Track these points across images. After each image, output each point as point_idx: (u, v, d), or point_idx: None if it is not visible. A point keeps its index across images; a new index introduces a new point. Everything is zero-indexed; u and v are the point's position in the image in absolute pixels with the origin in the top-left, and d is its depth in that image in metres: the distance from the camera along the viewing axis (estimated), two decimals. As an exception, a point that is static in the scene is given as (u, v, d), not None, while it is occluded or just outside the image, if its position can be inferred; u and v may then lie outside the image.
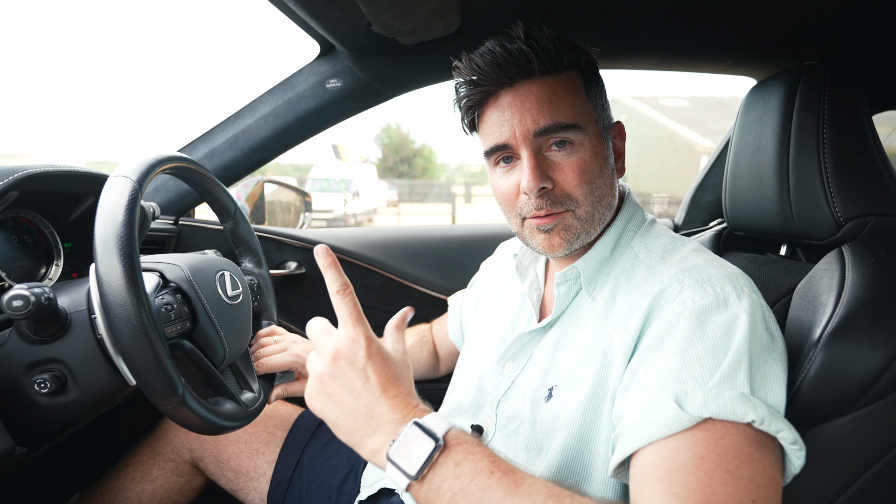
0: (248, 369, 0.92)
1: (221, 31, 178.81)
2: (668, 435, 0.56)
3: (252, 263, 1.01)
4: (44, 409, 0.69)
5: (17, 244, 0.94)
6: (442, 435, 0.55)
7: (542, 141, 0.74)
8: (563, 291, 0.80)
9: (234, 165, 1.37)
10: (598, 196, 0.76)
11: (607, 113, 0.80)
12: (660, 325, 0.65)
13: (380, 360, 0.61)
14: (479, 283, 1.10)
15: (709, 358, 0.59)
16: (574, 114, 0.73)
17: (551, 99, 0.72)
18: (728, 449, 0.54)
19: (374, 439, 0.58)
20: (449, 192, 25.06)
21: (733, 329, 0.61)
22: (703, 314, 0.63)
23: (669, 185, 17.54)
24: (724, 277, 0.66)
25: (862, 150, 0.79)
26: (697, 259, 0.71)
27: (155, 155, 0.73)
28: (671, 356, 0.61)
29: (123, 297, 0.60)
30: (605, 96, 0.80)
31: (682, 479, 0.53)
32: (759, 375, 0.59)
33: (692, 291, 0.65)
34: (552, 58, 0.72)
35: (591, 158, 0.74)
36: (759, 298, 0.66)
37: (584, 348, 0.73)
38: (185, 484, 1.11)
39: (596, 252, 0.79)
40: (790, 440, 0.56)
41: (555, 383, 0.75)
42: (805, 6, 0.89)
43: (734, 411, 0.55)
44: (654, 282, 0.70)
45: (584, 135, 0.74)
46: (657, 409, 0.57)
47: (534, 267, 0.92)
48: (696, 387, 0.57)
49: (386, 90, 1.31)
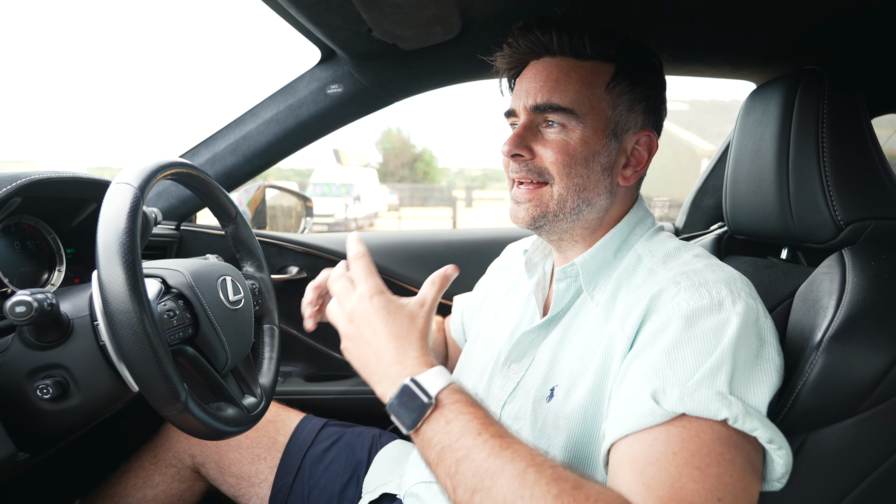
0: (250, 374, 0.92)
1: (223, 36, 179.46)
2: (644, 428, 0.57)
3: (253, 268, 1.02)
4: (46, 415, 0.69)
5: (19, 250, 0.94)
6: (435, 394, 0.60)
7: (539, 116, 0.77)
8: (563, 287, 0.81)
9: (236, 171, 1.37)
10: (577, 184, 0.76)
11: (632, 117, 0.78)
12: (654, 324, 0.66)
13: (384, 315, 0.66)
14: (485, 284, 1.10)
15: (694, 359, 0.60)
16: (574, 99, 0.75)
17: (559, 80, 0.76)
18: (701, 447, 0.55)
19: (380, 387, 0.65)
20: (450, 196, 25.06)
21: (722, 332, 0.61)
22: (695, 316, 0.63)
23: (670, 189, 17.53)
24: (722, 282, 0.67)
25: (861, 154, 0.80)
26: (698, 263, 0.71)
27: (156, 161, 0.73)
28: (659, 354, 0.62)
29: (126, 304, 0.60)
30: (638, 100, 0.78)
31: (653, 471, 0.55)
32: (741, 378, 0.59)
33: (688, 294, 0.66)
34: (574, 43, 0.75)
35: (577, 145, 0.75)
36: (757, 304, 0.66)
37: (583, 348, 0.74)
38: (187, 490, 1.10)
39: (597, 251, 0.79)
40: (766, 438, 0.57)
41: (556, 383, 0.75)
42: (804, 11, 0.89)
43: (708, 408, 0.56)
44: (653, 283, 0.71)
45: (578, 122, 0.75)
46: (636, 404, 0.59)
47: (542, 265, 0.92)
48: (676, 384, 0.58)
49: (387, 95, 1.31)
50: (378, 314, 0.66)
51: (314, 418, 1.16)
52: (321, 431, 1.12)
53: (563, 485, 0.53)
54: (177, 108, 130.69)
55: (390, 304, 0.67)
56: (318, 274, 0.86)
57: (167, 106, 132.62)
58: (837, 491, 0.67)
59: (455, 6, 0.91)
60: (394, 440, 1.12)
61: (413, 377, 0.61)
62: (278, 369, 1.00)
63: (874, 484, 0.67)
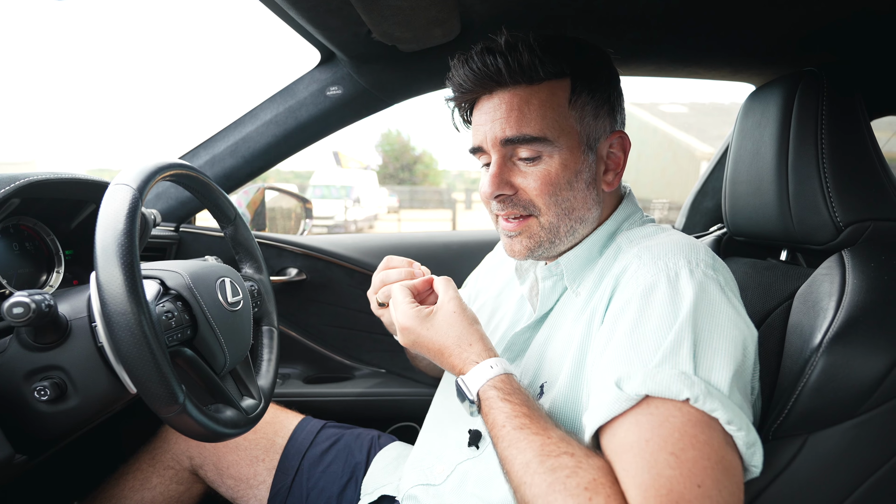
0: (249, 376, 0.91)
1: (223, 38, 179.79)
2: (614, 416, 0.58)
3: (252, 269, 1.01)
4: (44, 417, 0.68)
5: (18, 251, 0.94)
6: (476, 395, 0.69)
7: (511, 149, 0.75)
8: (549, 286, 0.81)
9: (235, 172, 1.37)
10: (566, 209, 0.76)
11: (599, 123, 0.77)
12: (617, 302, 0.66)
13: (429, 327, 0.75)
14: (476, 283, 1.10)
15: (654, 336, 0.60)
16: (543, 126, 0.73)
17: (521, 110, 0.73)
18: (672, 431, 0.55)
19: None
20: (450, 199, 25.07)
21: (679, 305, 0.61)
22: (650, 291, 0.63)
23: (669, 191, 17.55)
24: (681, 253, 0.66)
25: (860, 155, 0.80)
26: (662, 237, 0.71)
27: (155, 162, 0.73)
28: (622, 338, 0.62)
29: (124, 306, 0.60)
30: (601, 105, 0.77)
31: (629, 458, 0.55)
32: (704, 351, 0.58)
33: (646, 269, 0.66)
34: (525, 70, 0.72)
35: (559, 171, 0.74)
36: (717, 274, 0.65)
37: (565, 341, 0.75)
38: (185, 492, 1.10)
39: (581, 250, 0.80)
40: (725, 419, 0.55)
41: (545, 380, 0.76)
42: (803, 13, 0.89)
43: (669, 389, 0.56)
44: (620, 261, 0.71)
45: (552, 147, 0.74)
46: (605, 392, 0.59)
47: (533, 269, 0.92)
48: (639, 366, 0.58)
49: (386, 97, 1.32)
50: (424, 328, 0.76)
51: (313, 420, 1.16)
52: (319, 433, 1.12)
53: (559, 473, 0.56)
54: (176, 109, 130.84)
55: (427, 319, 0.77)
56: (316, 276, 0.86)
57: (167, 108, 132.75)
58: (838, 493, 0.67)
59: (454, 8, 0.91)
60: (392, 442, 1.12)
61: (457, 380, 0.71)
62: (277, 371, 1.00)
63: (875, 486, 0.66)
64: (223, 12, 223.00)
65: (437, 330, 0.75)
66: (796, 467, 0.65)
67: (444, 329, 0.74)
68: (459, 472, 0.82)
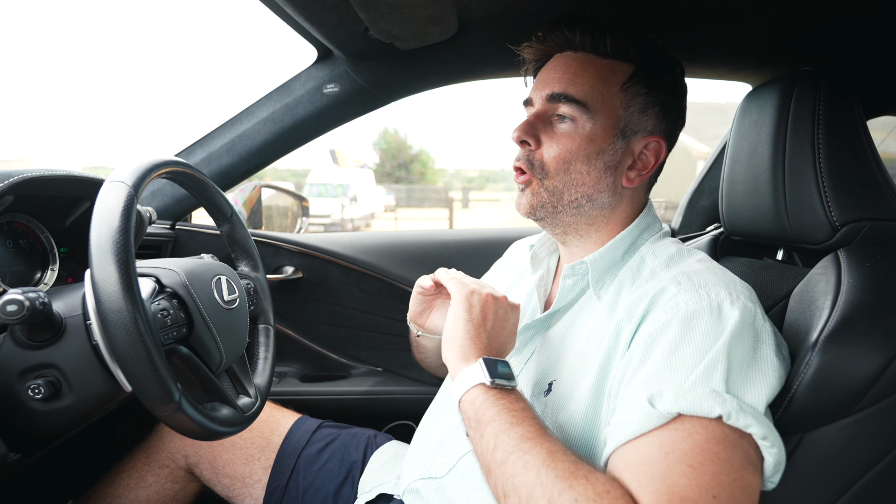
0: (245, 374, 0.91)
1: (219, 35, 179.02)
2: (642, 433, 0.58)
3: (249, 267, 1.01)
4: (38, 415, 0.68)
5: (11, 249, 0.93)
6: (457, 399, 0.69)
7: (552, 107, 0.78)
8: (569, 284, 0.82)
9: (232, 170, 1.37)
10: (575, 181, 0.77)
11: (643, 119, 0.78)
12: (652, 324, 0.66)
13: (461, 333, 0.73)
14: (488, 281, 1.10)
15: (692, 360, 0.61)
16: (588, 93, 0.76)
17: (576, 73, 0.77)
18: (693, 446, 0.55)
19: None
20: (446, 197, 25.03)
21: (719, 333, 0.62)
22: (693, 318, 0.64)
23: (666, 190, 17.47)
24: (721, 284, 0.67)
25: (857, 155, 0.80)
26: (699, 266, 0.72)
27: (151, 160, 0.72)
28: (659, 358, 0.62)
29: (119, 304, 0.60)
30: (652, 104, 0.78)
31: (645, 469, 0.55)
32: (738, 377, 0.60)
33: (687, 295, 0.66)
34: (595, 39, 0.76)
35: (583, 141, 0.76)
36: (755, 307, 0.67)
37: (586, 345, 0.74)
38: (180, 490, 1.10)
39: (607, 251, 0.80)
40: (760, 435, 0.57)
41: (555, 378, 0.76)
42: (800, 13, 0.89)
43: (701, 406, 0.56)
44: (656, 282, 0.71)
45: (588, 116, 0.76)
46: (635, 410, 0.59)
47: (548, 261, 0.93)
48: (673, 385, 0.59)
49: (383, 95, 1.31)
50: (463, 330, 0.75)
51: (309, 419, 1.16)
52: (316, 432, 1.11)
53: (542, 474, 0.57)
54: (172, 106, 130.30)
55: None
56: (313, 274, 0.86)
57: (162, 105, 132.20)
58: (833, 491, 0.68)
59: (452, 6, 0.91)
60: (389, 441, 1.12)
61: (459, 401, 0.70)
62: (273, 369, 0.99)
63: (870, 484, 0.67)
64: (219, 8, 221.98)
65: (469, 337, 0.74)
66: (792, 466, 0.65)
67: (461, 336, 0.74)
68: (462, 464, 0.82)
